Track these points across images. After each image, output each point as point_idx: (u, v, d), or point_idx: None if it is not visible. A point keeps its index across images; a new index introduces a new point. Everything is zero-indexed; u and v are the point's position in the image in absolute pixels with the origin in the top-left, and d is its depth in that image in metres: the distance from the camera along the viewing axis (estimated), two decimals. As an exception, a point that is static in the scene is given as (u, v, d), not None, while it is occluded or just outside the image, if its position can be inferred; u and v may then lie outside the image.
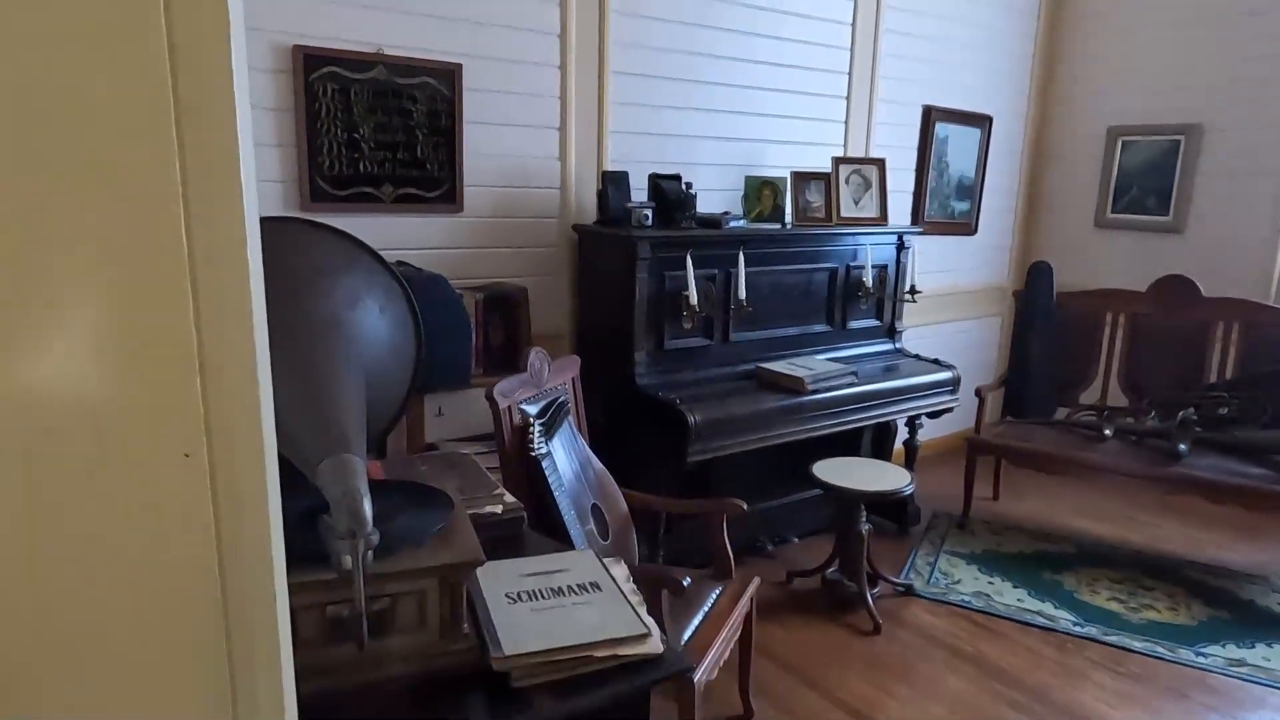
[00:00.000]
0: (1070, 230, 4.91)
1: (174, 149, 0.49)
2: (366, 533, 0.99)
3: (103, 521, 0.51)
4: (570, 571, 1.37)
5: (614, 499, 2.38)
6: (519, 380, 2.23)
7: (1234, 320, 3.81)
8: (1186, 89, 4.37)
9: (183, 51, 0.51)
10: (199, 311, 0.50)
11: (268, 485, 0.56)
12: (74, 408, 0.49)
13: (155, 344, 0.50)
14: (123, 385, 0.50)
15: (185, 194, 0.49)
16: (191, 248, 0.49)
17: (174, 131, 0.50)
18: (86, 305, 0.49)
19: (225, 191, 0.50)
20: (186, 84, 0.50)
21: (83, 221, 0.49)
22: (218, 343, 0.51)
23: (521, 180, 3.11)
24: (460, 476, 1.73)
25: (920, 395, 3.58)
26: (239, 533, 0.54)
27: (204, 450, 0.52)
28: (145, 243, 0.49)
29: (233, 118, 0.52)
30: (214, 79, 0.50)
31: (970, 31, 4.46)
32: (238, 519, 0.54)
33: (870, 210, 3.67)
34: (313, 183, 2.69)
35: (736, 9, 3.53)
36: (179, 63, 0.50)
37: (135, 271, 0.50)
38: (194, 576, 0.54)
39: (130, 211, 0.49)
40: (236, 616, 0.56)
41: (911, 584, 3.31)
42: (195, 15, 0.50)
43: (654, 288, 3.01)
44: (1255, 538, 3.89)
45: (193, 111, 0.50)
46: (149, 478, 0.51)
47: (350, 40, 2.68)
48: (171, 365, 0.50)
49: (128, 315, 0.50)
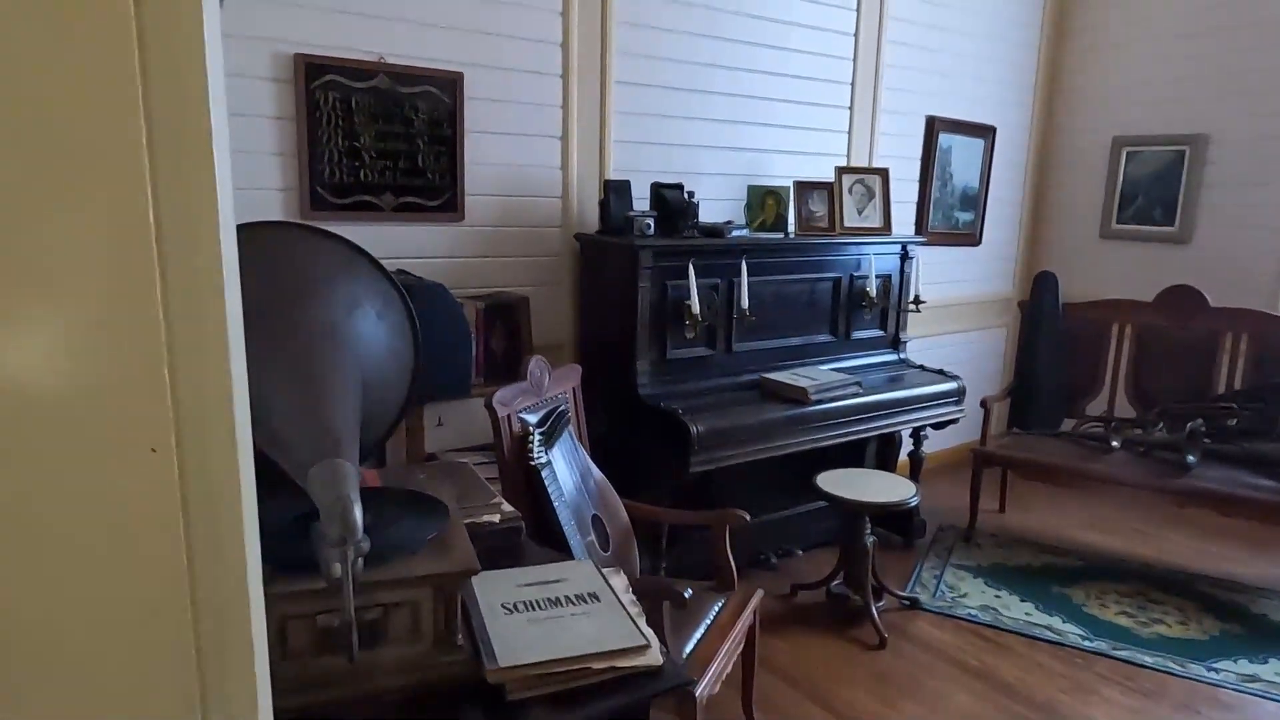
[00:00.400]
0: (1075, 241, 4.89)
1: (141, 130, 0.47)
2: (357, 540, 0.96)
3: (63, 518, 0.49)
4: (568, 582, 1.34)
5: (615, 510, 2.35)
6: (519, 389, 2.21)
7: (1242, 330, 3.77)
8: (1191, 99, 4.36)
9: (153, 45, 0.49)
10: (167, 297, 0.47)
11: (241, 482, 0.53)
12: (31, 397, 0.47)
13: (119, 330, 0.48)
14: (84, 374, 0.47)
15: (154, 180, 0.47)
16: (160, 232, 0.47)
17: (141, 115, 0.47)
18: (46, 291, 0.47)
19: (196, 176, 0.48)
20: (156, 72, 0.48)
21: (45, 206, 0.47)
22: (188, 331, 0.48)
23: (523, 189, 3.10)
24: (458, 485, 1.70)
25: (925, 406, 3.55)
26: (210, 532, 0.52)
27: (172, 444, 0.50)
28: (109, 225, 0.47)
29: (205, 105, 0.49)
30: (186, 77, 0.48)
31: (973, 42, 4.45)
32: (209, 517, 0.51)
33: (874, 220, 3.65)
34: (313, 191, 2.68)
35: (740, 19, 3.52)
36: (149, 66, 0.48)
37: (99, 256, 0.47)
38: (161, 577, 0.52)
39: (96, 195, 0.47)
40: (207, 619, 0.53)
41: (917, 597, 3.26)
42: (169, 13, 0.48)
43: (656, 297, 2.98)
44: (1266, 551, 3.83)
45: (163, 94, 0.48)
46: (112, 472, 0.49)
47: (352, 49, 2.67)
48: (137, 353, 0.48)
49: (90, 300, 0.48)
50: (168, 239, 0.47)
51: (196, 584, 0.52)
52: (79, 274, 0.47)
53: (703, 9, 3.41)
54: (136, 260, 0.47)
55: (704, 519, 2.42)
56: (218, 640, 0.54)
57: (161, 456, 0.49)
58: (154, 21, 0.47)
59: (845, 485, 2.99)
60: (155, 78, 0.50)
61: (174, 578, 0.52)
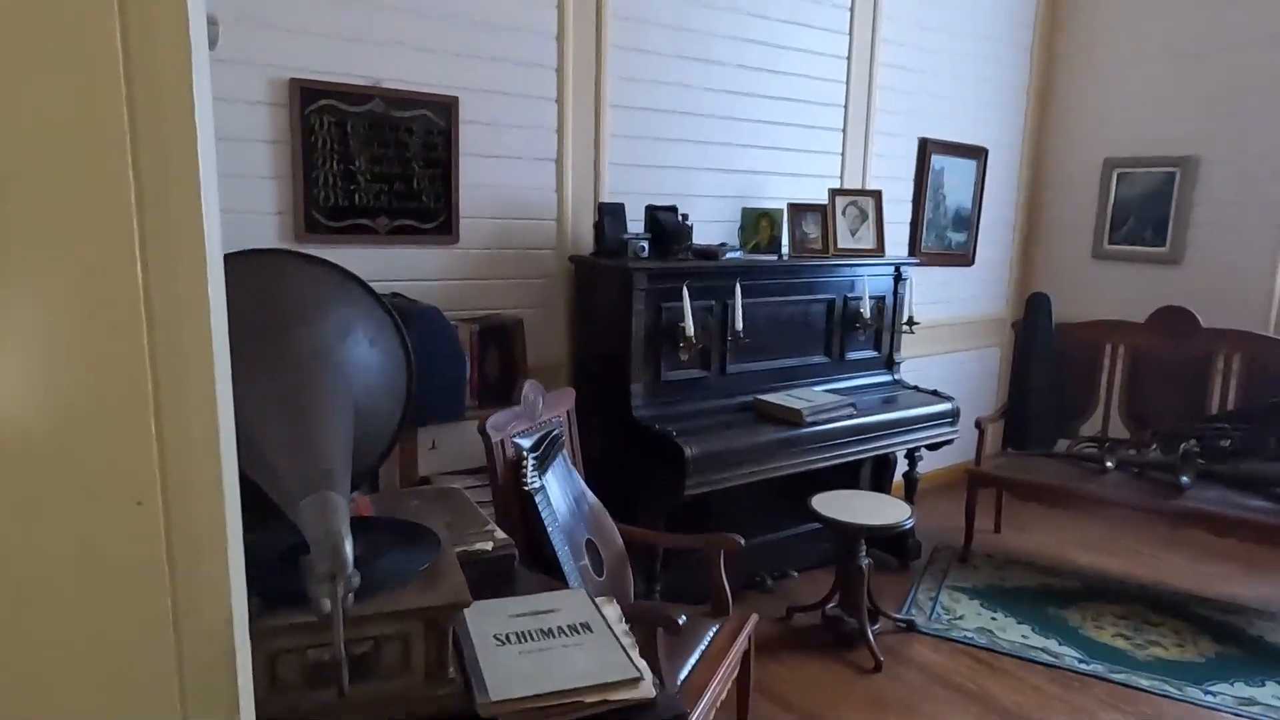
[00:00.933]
0: (1068, 261, 4.92)
1: (127, 166, 0.47)
2: (347, 575, 0.96)
3: (42, 572, 0.48)
4: (561, 611, 1.33)
5: (609, 534, 2.34)
6: (512, 413, 2.20)
7: (1234, 351, 3.79)
8: (1181, 121, 4.40)
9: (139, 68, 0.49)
10: (154, 347, 0.47)
11: (228, 537, 0.53)
12: (12, 448, 0.46)
13: (105, 381, 0.48)
14: (68, 426, 0.47)
15: (140, 219, 0.47)
16: (146, 278, 0.47)
17: (129, 150, 0.47)
18: (29, 336, 0.47)
19: (183, 220, 0.48)
20: (143, 103, 0.48)
21: (30, 243, 0.47)
22: (175, 384, 0.48)
23: (518, 211, 3.10)
24: (450, 512, 1.70)
25: (920, 427, 3.55)
26: (195, 589, 0.51)
27: (158, 499, 0.49)
28: (96, 268, 0.47)
29: (193, 136, 0.49)
30: (172, 103, 0.48)
31: (965, 65, 4.50)
32: (194, 574, 0.51)
33: (867, 242, 3.67)
34: (308, 214, 2.68)
35: (734, 43, 3.56)
36: (135, 83, 0.48)
37: (83, 301, 0.47)
38: (145, 632, 0.51)
39: (81, 235, 0.47)
40: (192, 676, 0.53)
41: (913, 620, 3.25)
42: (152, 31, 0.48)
43: (651, 319, 2.99)
44: (1262, 572, 3.83)
45: (149, 127, 0.47)
46: (96, 526, 0.49)
47: (347, 74, 2.69)
48: (123, 405, 0.48)
49: (75, 350, 0.48)
50: (154, 286, 0.47)
51: (182, 643, 0.51)
52: (62, 323, 0.47)
53: (697, 33, 3.44)
54: (122, 310, 0.47)
55: (698, 543, 2.41)
56: (204, 698, 0.53)
57: (146, 510, 0.49)
58: (141, 72, 0.47)
59: (840, 507, 2.99)
60: (142, 120, 0.50)
61: (159, 635, 0.51)
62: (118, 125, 0.48)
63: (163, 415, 0.49)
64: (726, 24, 3.52)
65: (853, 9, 3.93)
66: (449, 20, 2.84)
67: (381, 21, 2.72)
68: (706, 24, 3.46)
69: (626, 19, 3.23)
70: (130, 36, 0.47)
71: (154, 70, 0.48)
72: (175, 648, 0.53)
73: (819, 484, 3.22)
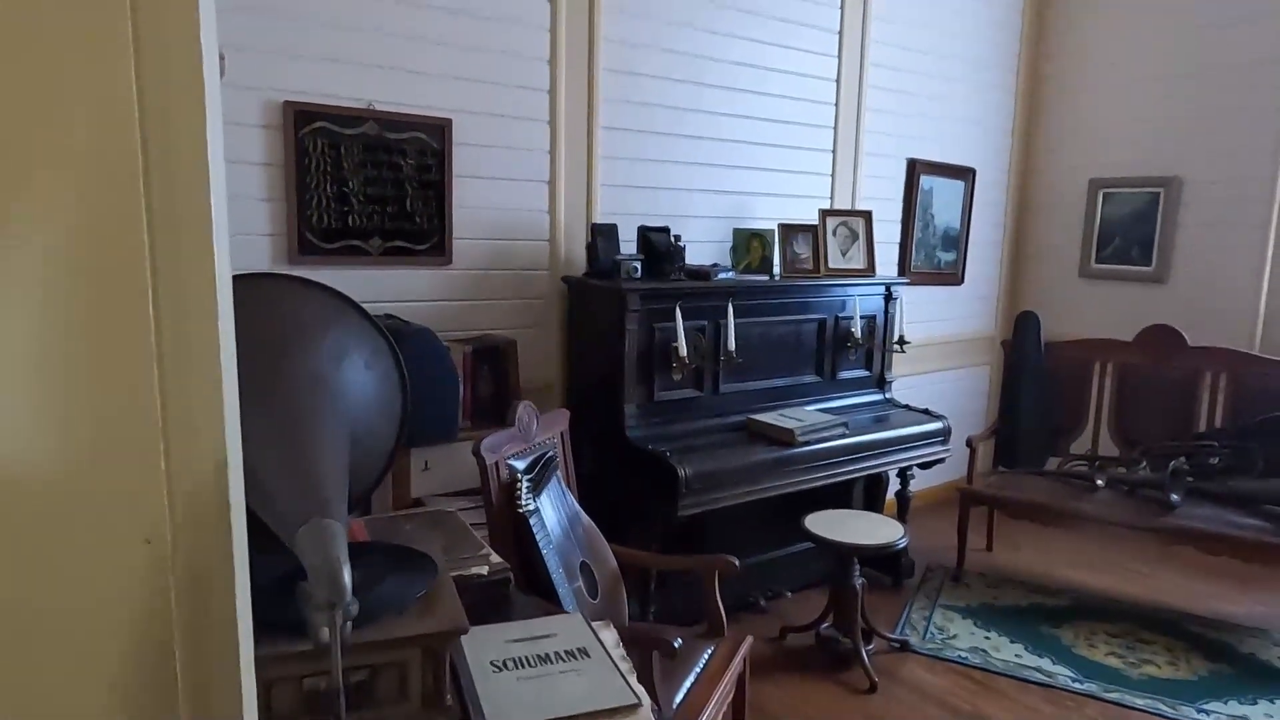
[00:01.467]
0: (1055, 280, 4.96)
1: (140, 200, 0.47)
2: (346, 603, 0.95)
3: (51, 607, 0.48)
4: (558, 637, 1.32)
5: (603, 556, 2.33)
6: (507, 435, 2.20)
7: (1221, 369, 3.82)
8: (1164, 143, 4.46)
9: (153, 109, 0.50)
10: (165, 385, 0.47)
11: (236, 575, 0.53)
12: (24, 486, 0.46)
13: (115, 420, 0.48)
14: (79, 465, 0.47)
15: (152, 259, 0.47)
16: (158, 317, 0.47)
17: (141, 183, 0.48)
18: (40, 377, 0.47)
19: (195, 257, 0.48)
20: (156, 140, 0.48)
21: (41, 282, 0.47)
22: (185, 425, 0.48)
23: (511, 232, 3.12)
24: (445, 536, 1.69)
25: (911, 446, 3.56)
26: (203, 627, 0.51)
27: (167, 537, 0.49)
28: (109, 306, 0.47)
29: (205, 178, 0.50)
30: (187, 144, 0.48)
31: (952, 86, 4.56)
32: (202, 611, 0.51)
33: (858, 262, 3.70)
34: (301, 236, 2.69)
35: (724, 66, 3.59)
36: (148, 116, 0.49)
37: (95, 339, 0.47)
38: (153, 669, 0.51)
39: (94, 269, 0.47)
40: (200, 711, 0.52)
41: (907, 639, 3.24)
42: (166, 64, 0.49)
43: (643, 339, 3.00)
44: (1253, 589, 3.85)
45: (161, 166, 0.48)
46: (105, 564, 0.48)
47: (341, 96, 2.70)
48: (133, 444, 0.48)
49: (86, 389, 0.48)
50: (166, 331, 0.47)
51: (187, 679, 0.50)
52: (74, 365, 0.47)
53: (688, 56, 3.47)
54: (134, 351, 0.47)
55: (693, 565, 2.41)
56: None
57: (155, 548, 0.48)
58: (155, 115, 0.48)
59: (833, 527, 2.99)
60: (155, 154, 0.50)
61: (165, 671, 0.50)
62: (131, 162, 0.48)
63: (172, 454, 0.49)
64: (717, 47, 3.56)
65: (841, 33, 3.98)
66: (443, 44, 2.86)
67: (376, 44, 2.74)
68: (697, 47, 3.50)
69: (618, 42, 3.26)
70: (144, 75, 0.48)
71: (167, 115, 0.48)
72: (182, 683, 0.52)
73: (811, 503, 3.22)
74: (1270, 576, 3.89)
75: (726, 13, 3.57)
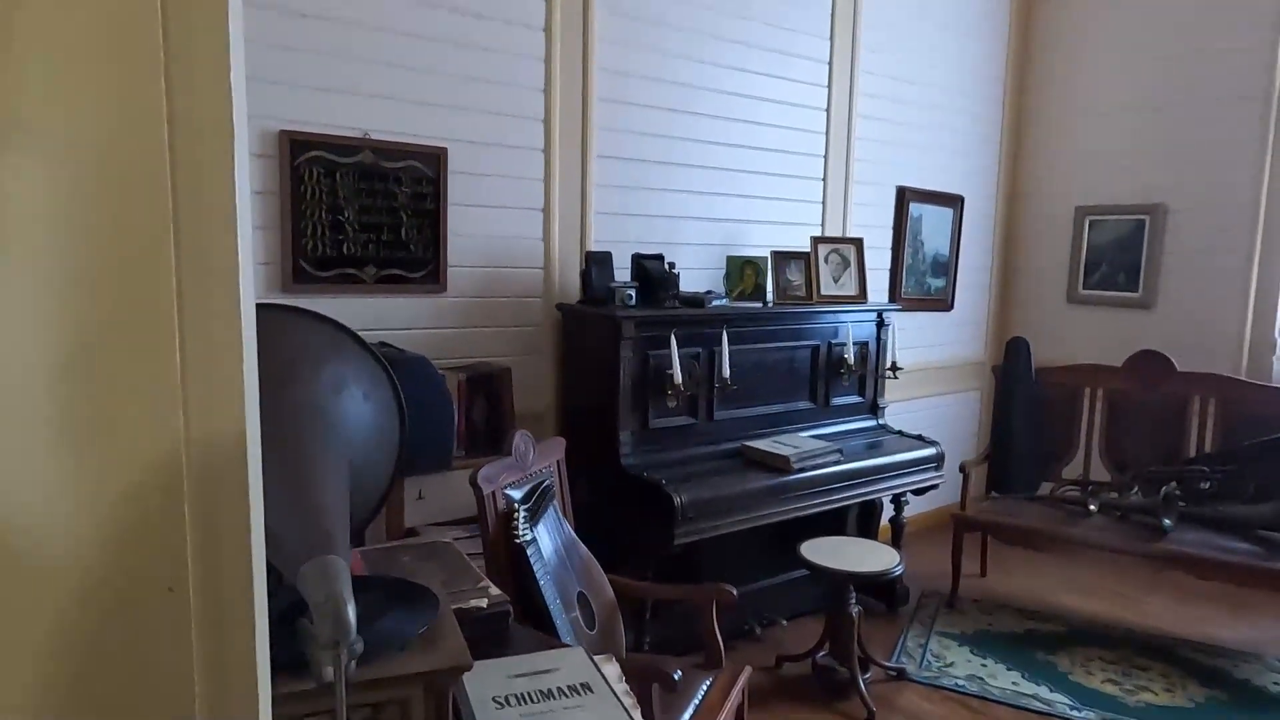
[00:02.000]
0: (1044, 306, 5.01)
1: (170, 252, 0.47)
2: (350, 641, 0.94)
3: (78, 654, 0.47)
4: (560, 671, 1.31)
5: (600, 585, 2.31)
6: (504, 465, 2.19)
7: (1209, 395, 3.86)
8: (1148, 171, 4.54)
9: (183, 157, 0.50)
10: (190, 436, 0.47)
11: (255, 623, 0.52)
12: (49, 543, 0.46)
13: (142, 473, 0.47)
14: (105, 517, 0.46)
15: (180, 307, 0.47)
16: (186, 384, 0.47)
17: (171, 236, 0.48)
18: (64, 428, 0.46)
19: (222, 311, 0.48)
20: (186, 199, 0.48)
21: (74, 346, 0.46)
22: (212, 477, 0.48)
23: (505, 260, 3.12)
24: (443, 568, 1.68)
25: (906, 472, 3.57)
26: (223, 672, 0.50)
27: (189, 585, 0.48)
28: (142, 374, 0.47)
29: (234, 225, 0.50)
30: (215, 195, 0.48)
31: (940, 116, 4.62)
32: (222, 658, 0.50)
33: (850, 288, 3.72)
34: (295, 264, 2.68)
35: (717, 96, 3.63)
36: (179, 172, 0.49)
37: (128, 399, 0.47)
38: (173, 713, 0.50)
39: (127, 325, 0.47)
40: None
41: (904, 667, 3.22)
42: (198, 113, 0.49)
43: (638, 367, 3.00)
44: (1245, 614, 3.85)
45: (190, 218, 0.48)
46: (129, 611, 0.48)
47: (337, 125, 2.71)
48: (158, 498, 0.47)
49: (113, 443, 0.47)
50: (193, 397, 0.47)
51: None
52: (99, 422, 0.46)
53: (681, 86, 3.51)
54: (163, 395, 0.47)
55: (691, 595, 2.39)
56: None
57: (178, 596, 0.48)
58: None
59: (829, 554, 2.98)
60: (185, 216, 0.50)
61: (185, 711, 0.50)
62: (163, 213, 0.48)
63: (196, 506, 0.49)
64: (710, 77, 3.60)
65: (831, 63, 4.04)
66: (439, 73, 2.88)
67: (372, 74, 2.75)
68: (691, 77, 3.54)
69: (612, 72, 3.29)
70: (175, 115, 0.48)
71: (197, 161, 0.49)
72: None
73: (805, 530, 3.21)
74: (1263, 601, 3.90)
75: (719, 43, 3.61)
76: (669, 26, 3.45)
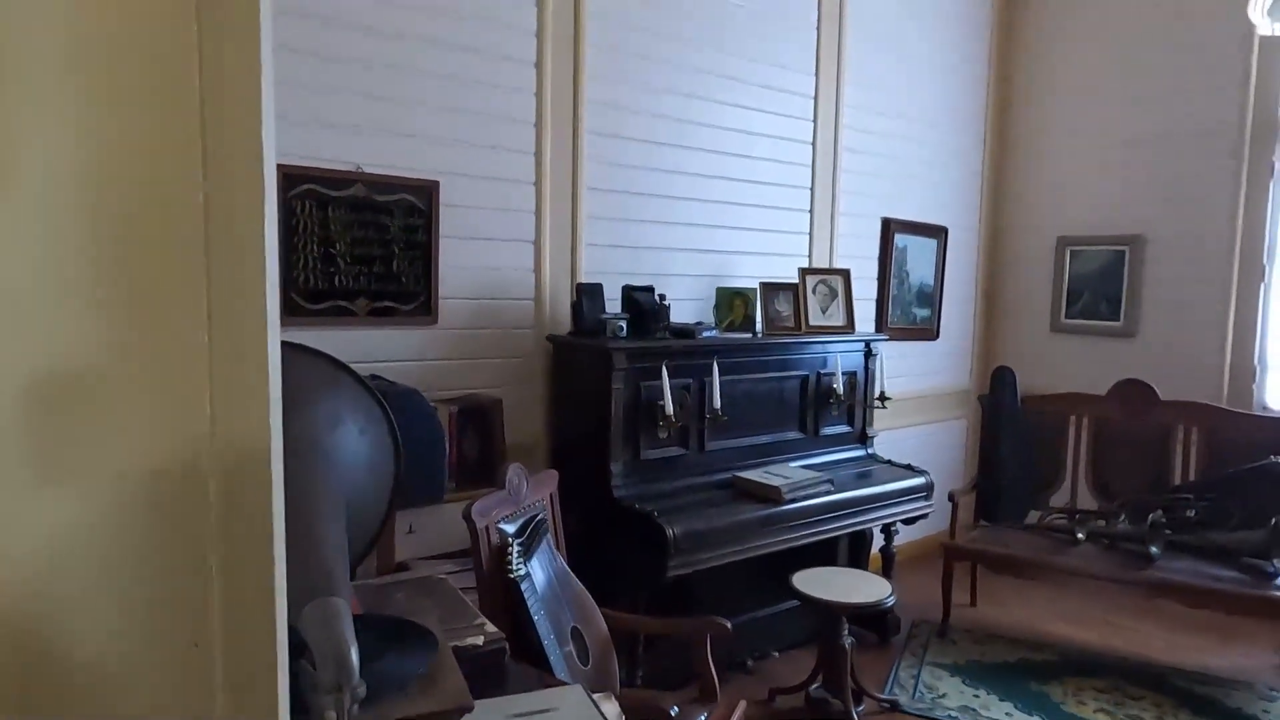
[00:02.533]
0: (1028, 334, 5.07)
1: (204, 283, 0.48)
2: (353, 685, 0.93)
3: (104, 707, 0.46)
4: (559, 711, 1.30)
5: (593, 619, 2.30)
6: (497, 499, 2.18)
7: (1193, 423, 3.90)
8: (1127, 203, 4.63)
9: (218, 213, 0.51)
10: (217, 494, 0.47)
11: (278, 677, 0.51)
12: (79, 602, 0.46)
13: (168, 528, 0.47)
14: (130, 572, 0.46)
15: (213, 369, 0.47)
16: (214, 430, 0.47)
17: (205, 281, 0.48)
18: (89, 482, 0.47)
19: (251, 366, 0.49)
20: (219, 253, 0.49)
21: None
22: (241, 538, 0.48)
23: (497, 292, 3.13)
24: (439, 604, 1.66)
25: (896, 502, 3.58)
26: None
27: (213, 642, 0.48)
28: (170, 427, 0.47)
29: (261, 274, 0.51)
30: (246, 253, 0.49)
31: (923, 149, 4.70)
32: (244, 710, 0.49)
33: (837, 319, 3.75)
34: (286, 297, 2.67)
35: (705, 129, 3.68)
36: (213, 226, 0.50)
37: (153, 457, 0.47)
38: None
39: (159, 396, 0.47)
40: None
41: (897, 699, 3.21)
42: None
43: (629, 398, 3.00)
44: (1236, 642, 3.86)
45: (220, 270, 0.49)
46: (154, 666, 0.47)
47: (330, 159, 2.72)
48: (184, 551, 0.47)
49: (138, 496, 0.47)
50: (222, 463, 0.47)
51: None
52: (128, 464, 0.47)
53: (670, 120, 3.56)
54: (188, 447, 0.47)
55: (685, 628, 2.38)
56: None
57: (202, 652, 0.48)
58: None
59: (821, 585, 2.97)
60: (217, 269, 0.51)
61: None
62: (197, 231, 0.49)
63: (222, 564, 0.48)
64: (698, 111, 3.65)
65: (816, 98, 4.11)
66: (430, 107, 2.91)
67: (364, 108, 2.77)
68: (680, 111, 3.59)
69: (603, 105, 3.33)
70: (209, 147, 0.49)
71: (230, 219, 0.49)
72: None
73: (795, 560, 3.21)
74: (1253, 629, 3.91)
75: (707, 78, 3.67)
76: (657, 61, 3.50)
